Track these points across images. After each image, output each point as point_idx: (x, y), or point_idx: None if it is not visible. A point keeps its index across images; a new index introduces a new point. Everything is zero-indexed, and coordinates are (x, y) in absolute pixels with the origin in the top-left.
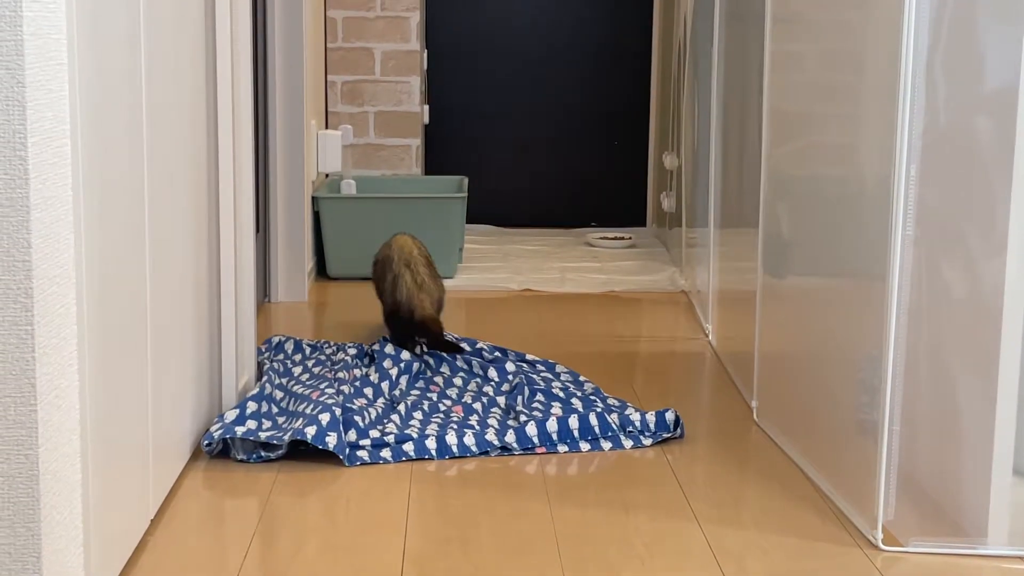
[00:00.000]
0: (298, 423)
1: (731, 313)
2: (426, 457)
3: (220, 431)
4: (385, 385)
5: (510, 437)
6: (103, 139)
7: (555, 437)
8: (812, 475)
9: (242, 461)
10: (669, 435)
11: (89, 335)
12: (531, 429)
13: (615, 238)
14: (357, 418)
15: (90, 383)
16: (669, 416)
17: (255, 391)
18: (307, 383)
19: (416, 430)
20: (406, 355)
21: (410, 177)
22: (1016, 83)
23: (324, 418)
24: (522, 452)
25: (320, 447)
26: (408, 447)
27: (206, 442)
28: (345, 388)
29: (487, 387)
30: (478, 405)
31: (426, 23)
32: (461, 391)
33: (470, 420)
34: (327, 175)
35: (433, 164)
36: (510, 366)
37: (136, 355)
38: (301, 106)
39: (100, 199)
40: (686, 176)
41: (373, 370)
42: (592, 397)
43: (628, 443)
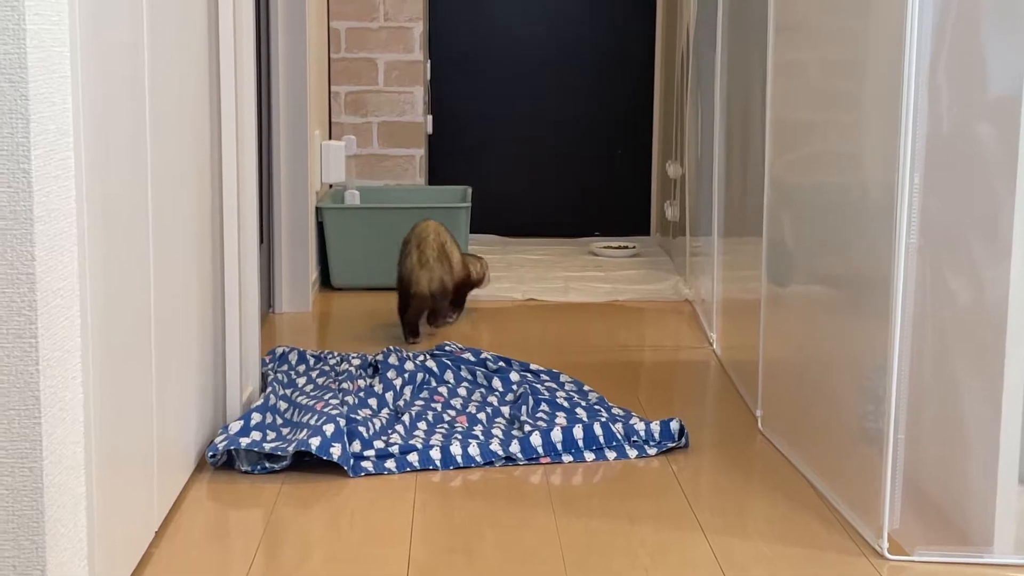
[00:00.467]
0: (302, 434)
1: (735, 322)
2: (430, 468)
3: (224, 442)
4: (389, 395)
5: (514, 447)
6: (106, 151)
7: (560, 447)
8: (817, 484)
9: (246, 472)
10: (674, 445)
11: (93, 347)
12: (535, 439)
13: (619, 247)
14: (361, 429)
15: (94, 395)
16: (674, 425)
17: (259, 402)
18: (311, 394)
19: (420, 440)
20: (410, 365)
21: (414, 187)
22: (1019, 90)
23: (328, 429)
24: (527, 462)
25: (324, 458)
26: (412, 458)
27: (210, 453)
28: (349, 399)
29: (491, 397)
30: (482, 415)
31: (429, 33)
32: (465, 401)
33: (474, 430)
34: (331, 185)
35: (437, 174)
36: (514, 376)
37: (140, 367)
38: (305, 117)
39: (103, 211)
40: (689, 185)
41: (377, 380)
42: (596, 407)
43: (633, 453)
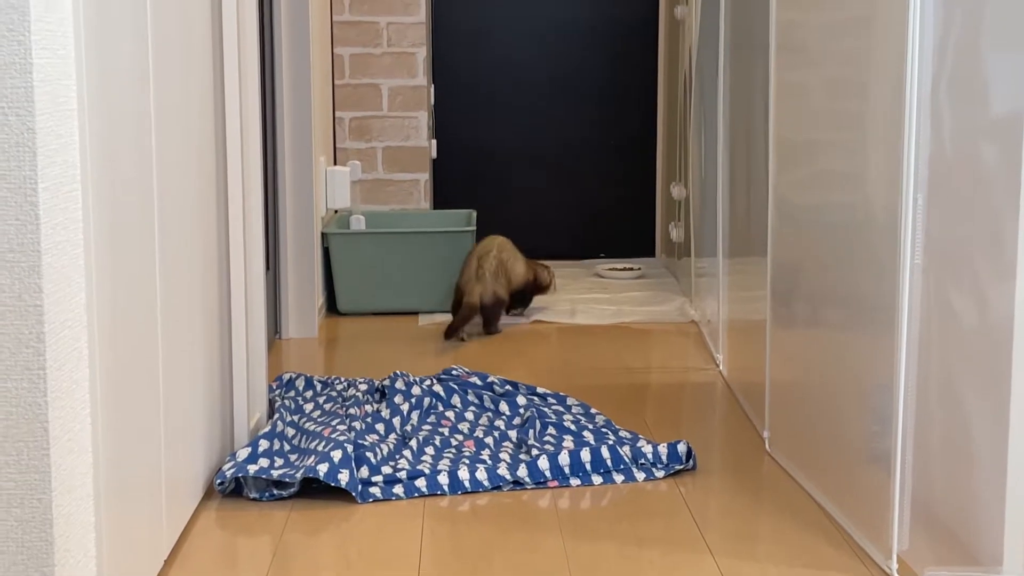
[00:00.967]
0: (310, 460)
1: (741, 343)
2: (438, 493)
3: (232, 470)
4: (396, 420)
5: (522, 471)
6: (113, 183)
7: (567, 471)
8: (826, 505)
9: (255, 499)
10: (681, 467)
11: (101, 377)
12: (543, 463)
13: (624, 269)
14: (369, 454)
15: (103, 425)
16: (681, 448)
17: (267, 429)
18: (319, 420)
19: (428, 466)
20: (417, 390)
21: (419, 212)
22: (1021, 109)
23: (336, 455)
24: (534, 486)
25: (332, 484)
26: (420, 483)
27: (218, 481)
28: (357, 424)
29: (498, 421)
30: (490, 439)
31: (433, 58)
32: (473, 425)
33: (482, 455)
34: (336, 211)
35: (442, 198)
36: (521, 399)
37: (148, 396)
38: (309, 143)
39: (110, 242)
40: (694, 206)
41: (384, 406)
42: (604, 430)
43: (641, 475)
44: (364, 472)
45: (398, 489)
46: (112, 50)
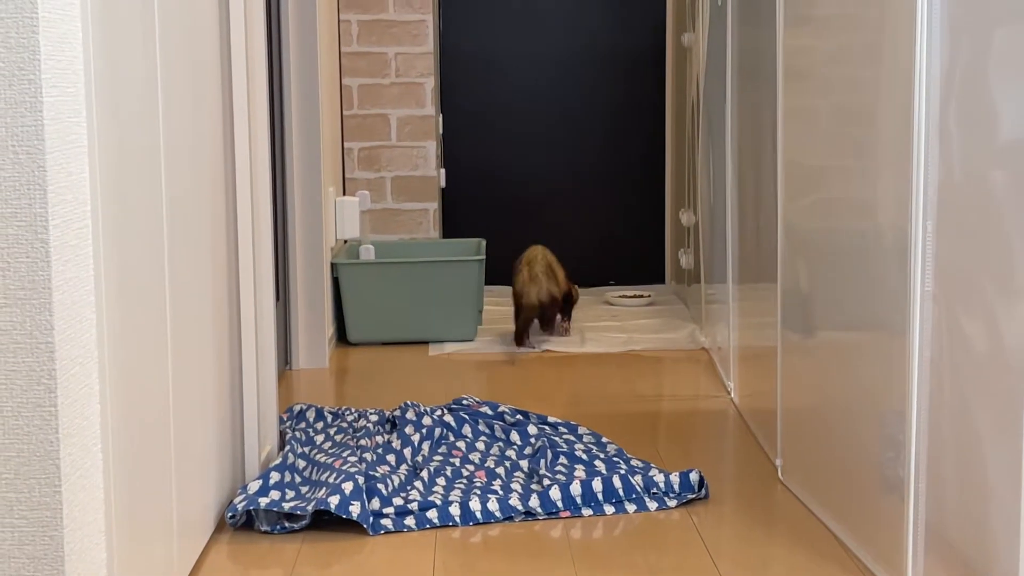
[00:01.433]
0: (321, 493)
1: (753, 370)
2: (450, 524)
3: (244, 503)
4: (407, 451)
5: (534, 502)
6: (123, 218)
7: (579, 500)
8: (840, 533)
9: (266, 532)
10: (694, 496)
11: (112, 413)
12: (555, 493)
13: (634, 296)
14: (380, 486)
15: (114, 461)
16: (693, 477)
17: (278, 461)
18: (329, 451)
19: (439, 496)
20: (427, 420)
21: (428, 241)
22: None
23: (347, 487)
24: (546, 516)
25: (344, 516)
26: (432, 514)
27: (230, 514)
28: (368, 455)
29: (509, 451)
30: (501, 469)
31: (440, 88)
32: (484, 455)
33: (493, 485)
34: (346, 241)
35: (451, 227)
36: (532, 429)
37: (159, 430)
38: (319, 174)
39: (120, 278)
40: (703, 232)
41: (395, 436)
42: (615, 459)
43: (653, 505)
44: (375, 504)
45: (410, 521)
46: (122, 87)
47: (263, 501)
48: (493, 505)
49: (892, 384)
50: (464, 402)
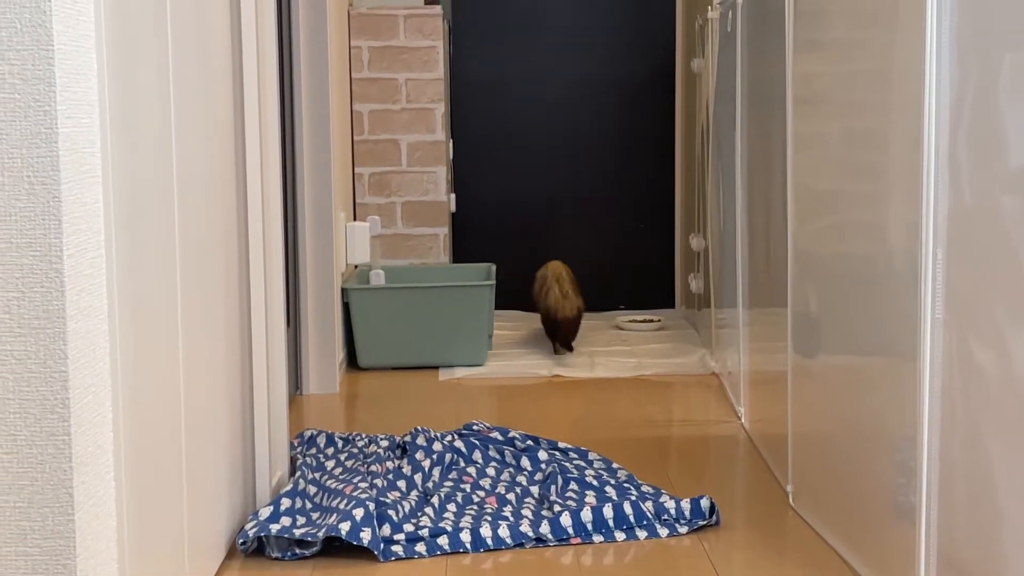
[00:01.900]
0: (332, 519)
1: (763, 395)
2: (461, 550)
3: (255, 529)
4: (418, 477)
5: (545, 528)
6: (136, 248)
7: (590, 527)
8: (851, 560)
9: (277, 559)
10: (705, 523)
11: (125, 441)
12: (566, 519)
13: (644, 321)
14: (391, 512)
15: (126, 489)
16: (704, 503)
17: (289, 487)
18: (340, 477)
19: (450, 523)
20: (438, 446)
21: (439, 266)
22: None
23: (358, 513)
24: (557, 543)
25: (355, 543)
26: (443, 541)
27: (241, 540)
28: (378, 481)
29: (520, 477)
30: (512, 496)
31: (451, 113)
32: (494, 481)
33: (504, 511)
34: (356, 266)
35: (461, 252)
36: (543, 455)
37: (171, 457)
38: (329, 199)
39: (133, 306)
40: (713, 257)
41: (406, 462)
42: (626, 485)
43: (664, 531)
44: (386, 530)
45: (420, 547)
46: (136, 118)
47: (274, 527)
48: (504, 531)
49: (903, 410)
50: (475, 427)
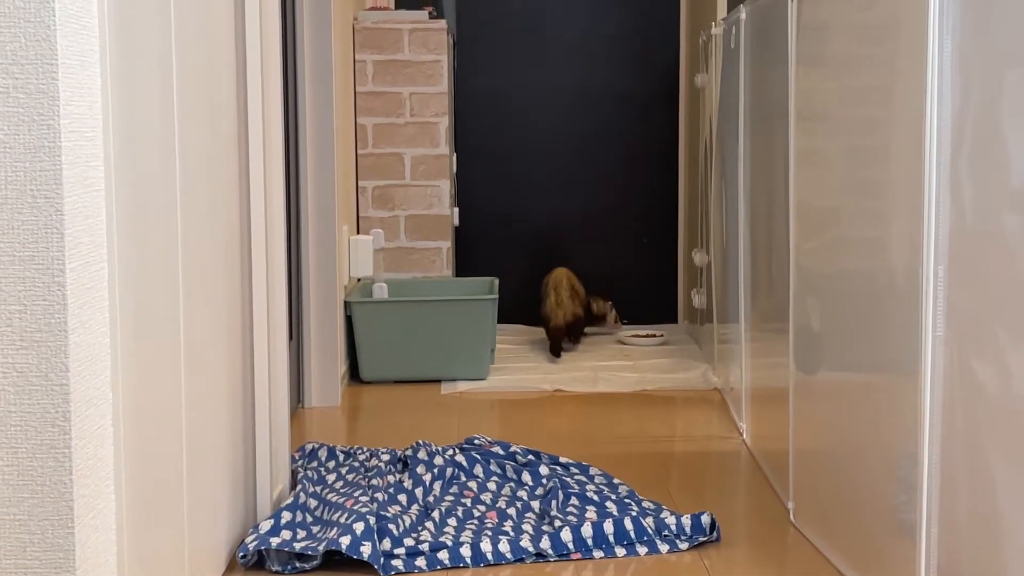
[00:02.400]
0: (332, 533)
1: (765, 411)
2: (461, 565)
3: (255, 542)
4: (419, 491)
5: (545, 543)
6: (139, 261)
7: (590, 542)
8: None
9: (277, 572)
10: (705, 539)
11: (126, 453)
12: (566, 535)
13: (647, 336)
14: (391, 526)
15: (127, 501)
16: (705, 519)
17: (289, 500)
18: (341, 491)
19: (451, 537)
20: (439, 460)
21: (441, 279)
22: None
23: (358, 527)
24: (557, 558)
25: (355, 557)
26: (443, 555)
27: (241, 554)
28: (379, 495)
29: (521, 491)
30: (512, 510)
31: (455, 127)
32: (495, 496)
33: (504, 526)
34: (359, 279)
35: (464, 266)
36: (544, 469)
37: (171, 470)
38: (333, 212)
39: (135, 320)
40: (716, 272)
41: (407, 476)
42: (627, 500)
43: (664, 547)
44: (386, 544)
45: (420, 561)
46: (139, 132)
47: (274, 541)
48: (504, 546)
49: (904, 427)
50: (476, 442)
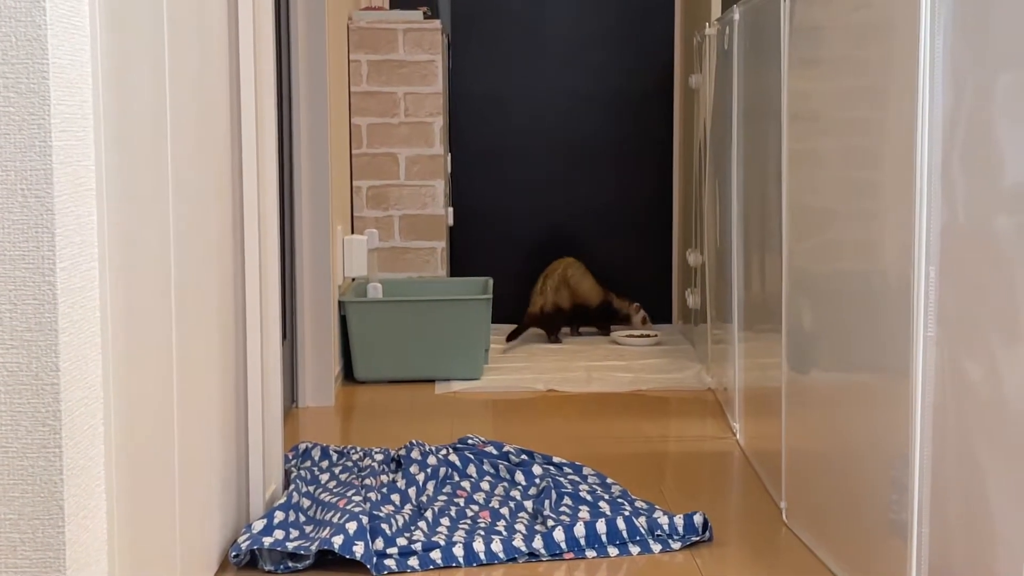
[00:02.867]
0: (325, 532)
1: (758, 411)
2: (453, 565)
3: (247, 542)
4: (412, 491)
5: (537, 543)
6: (130, 261)
7: (583, 542)
8: None
9: (269, 572)
10: (698, 539)
11: (116, 453)
12: (559, 534)
13: (641, 336)
14: (384, 526)
15: (118, 500)
16: (697, 519)
17: (282, 500)
18: (334, 490)
19: (443, 537)
20: (433, 460)
21: (436, 279)
22: None
23: (351, 527)
24: (550, 558)
25: (348, 556)
26: (436, 555)
27: (233, 553)
28: (372, 495)
29: (514, 491)
30: (505, 510)
31: (450, 127)
32: (488, 496)
33: (497, 526)
34: (353, 279)
35: (458, 266)
36: (537, 469)
37: (163, 468)
38: (327, 212)
39: (127, 319)
40: (710, 273)
41: (400, 476)
42: (620, 500)
43: (657, 547)
44: (379, 544)
45: (413, 561)
46: (131, 131)
47: (267, 540)
48: (497, 546)
49: (896, 427)
50: (469, 441)
